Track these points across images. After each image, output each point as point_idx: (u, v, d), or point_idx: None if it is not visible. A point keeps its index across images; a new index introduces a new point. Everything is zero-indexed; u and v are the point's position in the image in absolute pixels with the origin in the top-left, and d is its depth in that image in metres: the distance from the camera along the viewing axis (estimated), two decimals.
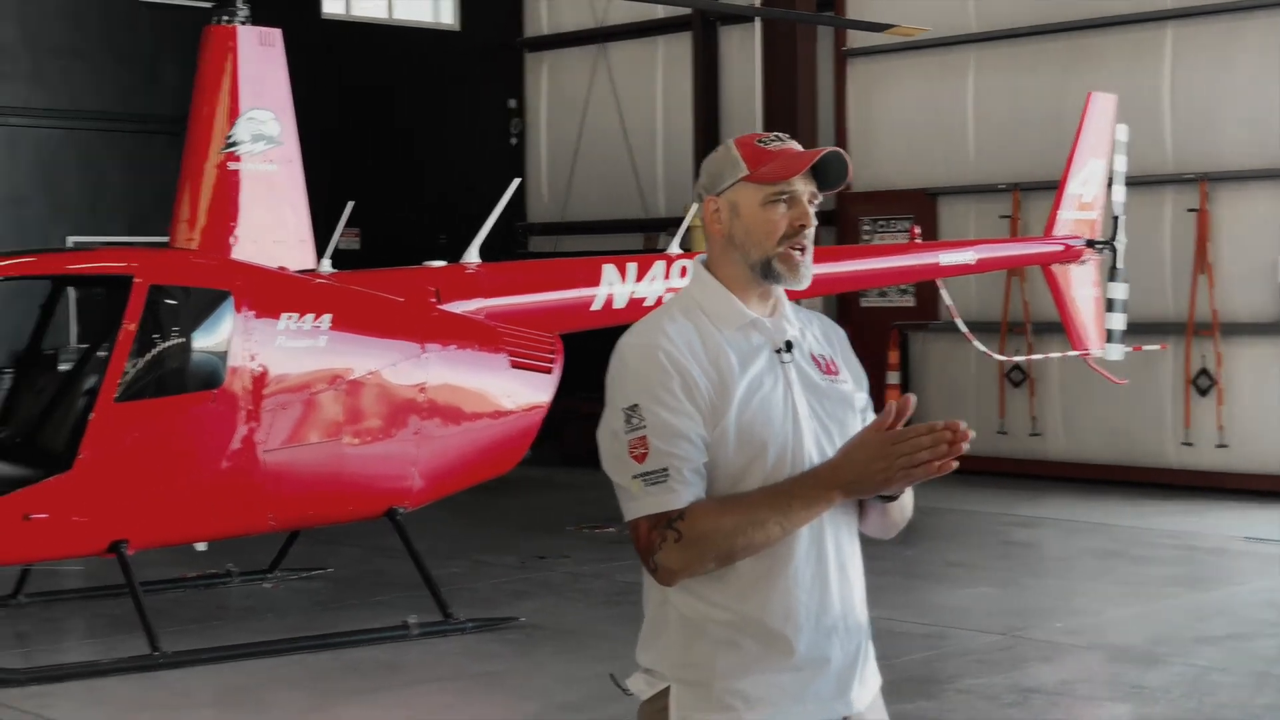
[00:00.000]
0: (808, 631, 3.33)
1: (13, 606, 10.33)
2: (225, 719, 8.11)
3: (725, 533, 3.20)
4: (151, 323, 9.24)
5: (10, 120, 17.75)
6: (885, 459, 3.15)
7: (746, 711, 3.30)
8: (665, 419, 3.24)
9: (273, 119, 9.99)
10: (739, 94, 19.03)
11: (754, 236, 3.39)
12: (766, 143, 3.42)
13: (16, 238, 17.28)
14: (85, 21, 18.05)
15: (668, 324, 3.36)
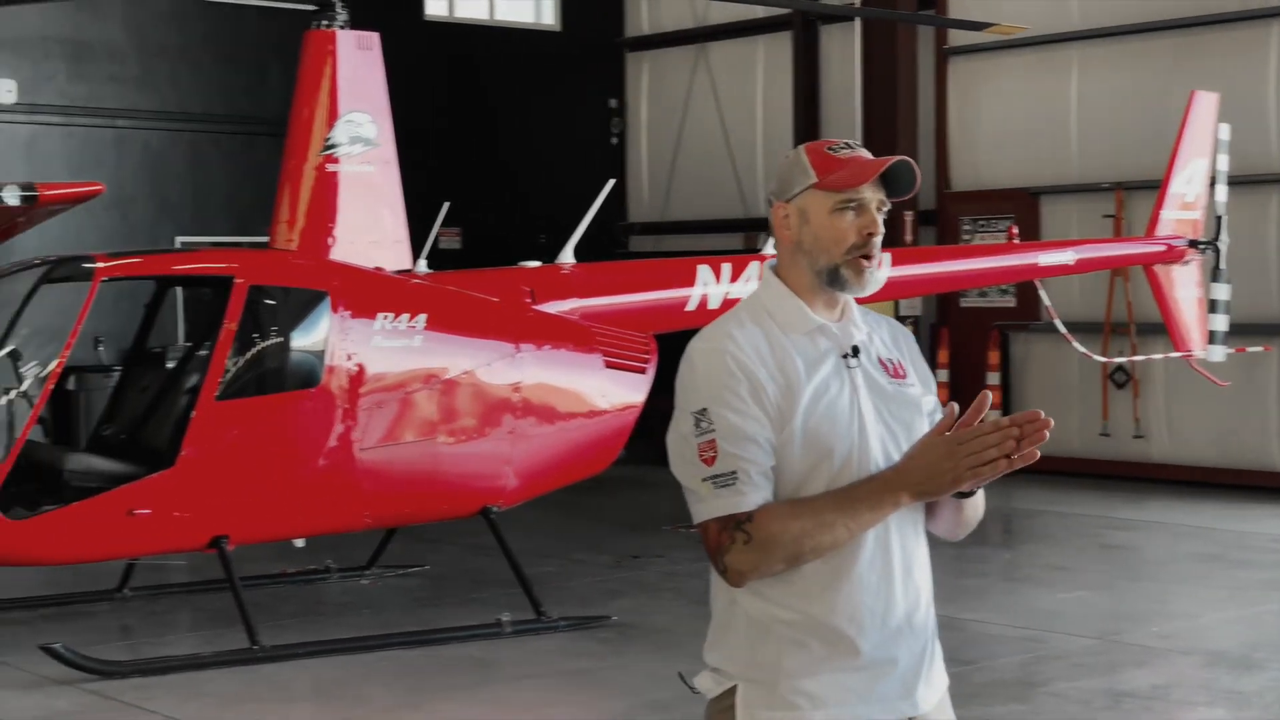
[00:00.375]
0: (873, 633, 3.35)
1: (118, 600, 10.54)
2: (321, 713, 8.23)
3: (793, 535, 3.23)
4: (251, 322, 9.40)
5: (118, 122, 18.08)
6: (952, 459, 3.18)
7: (812, 710, 3.33)
8: (734, 422, 3.27)
9: (370, 121, 10.11)
10: (839, 93, 18.97)
11: (822, 243, 3.41)
12: (836, 150, 3.44)
13: (124, 238, 17.61)
14: (191, 25, 18.34)
15: (735, 329, 3.39)
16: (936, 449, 3.20)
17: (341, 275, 9.63)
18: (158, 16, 18.22)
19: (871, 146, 13.54)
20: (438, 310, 9.81)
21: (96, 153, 17.97)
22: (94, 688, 8.40)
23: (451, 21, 20.80)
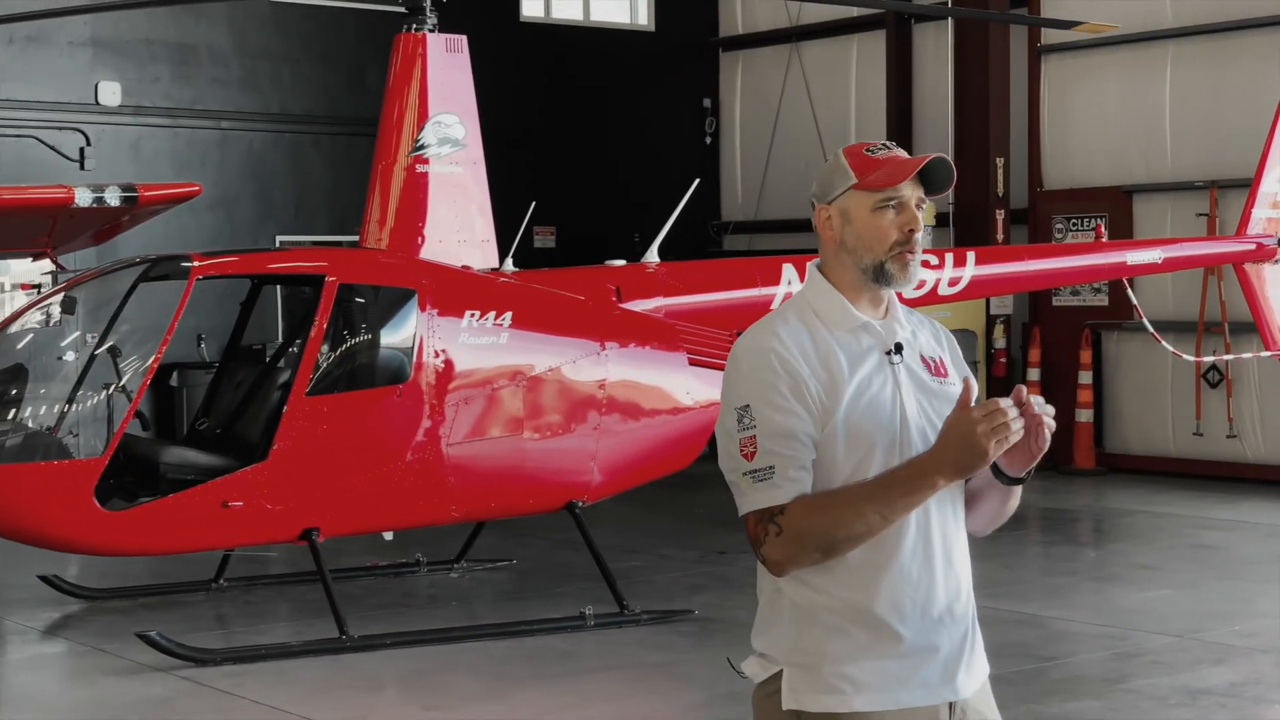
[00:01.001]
0: (914, 621, 3.45)
1: (214, 591, 10.81)
2: (404, 701, 8.42)
3: (824, 526, 3.35)
4: (341, 320, 9.63)
5: (221, 124, 18.45)
6: (979, 428, 3.24)
7: (855, 695, 3.44)
8: (774, 419, 3.39)
9: (458, 123, 10.30)
10: (932, 91, 18.97)
11: (865, 241, 3.52)
12: (874, 151, 3.56)
13: (228, 237, 17.99)
14: (293, 28, 18.67)
15: (780, 327, 3.50)
16: (960, 425, 3.28)
17: (429, 274, 9.83)
18: (260, 20, 18.57)
19: (963, 145, 13.76)
20: (524, 308, 9.98)
21: (200, 153, 18.35)
22: (187, 674, 8.66)
23: (547, 23, 21.01)
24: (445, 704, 8.25)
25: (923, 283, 11.54)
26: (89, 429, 9.38)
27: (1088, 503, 15.11)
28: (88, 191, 10.31)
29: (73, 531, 9.04)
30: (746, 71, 21.58)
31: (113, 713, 8.28)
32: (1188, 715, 7.76)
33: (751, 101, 21.48)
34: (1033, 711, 7.85)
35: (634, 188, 20.71)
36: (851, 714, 3.45)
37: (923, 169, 3.54)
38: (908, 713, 3.47)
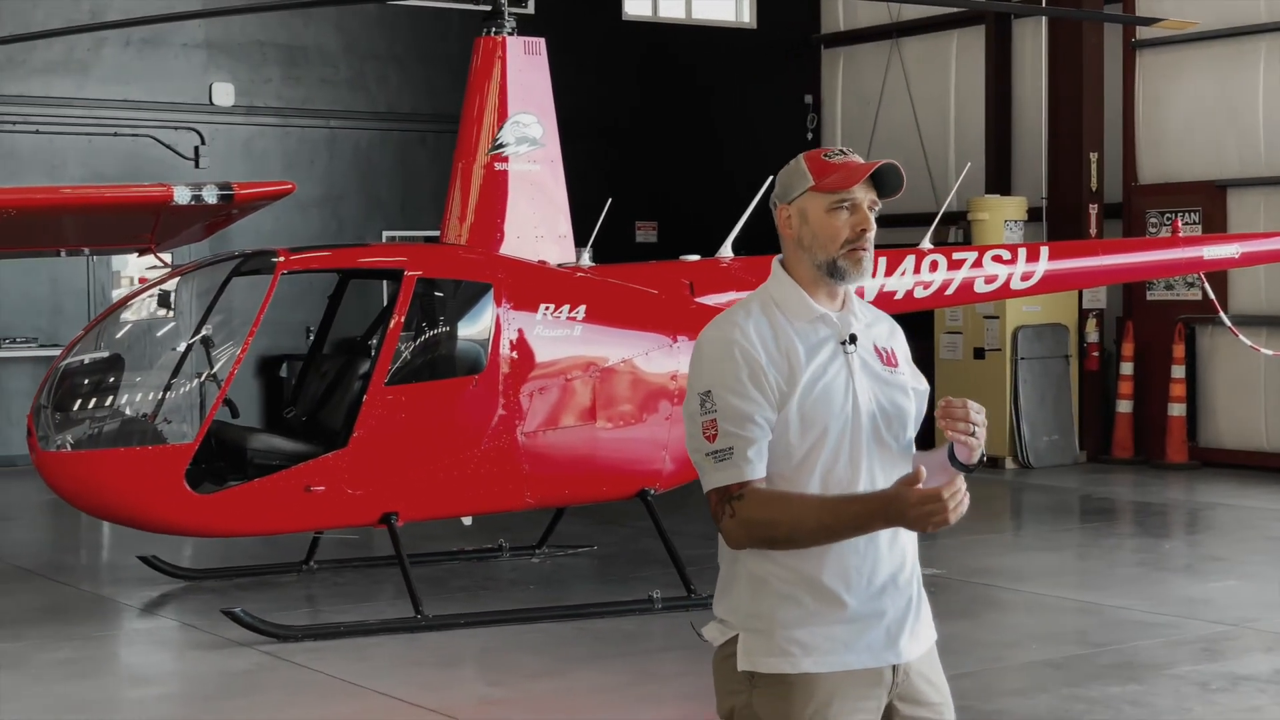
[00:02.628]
0: (860, 590, 3.73)
1: (304, 572, 11.27)
2: (469, 676, 8.80)
3: (772, 526, 3.65)
4: (419, 312, 10.04)
5: (330, 123, 19.04)
6: (910, 514, 3.51)
7: (803, 658, 3.72)
8: (733, 404, 3.68)
9: (536, 122, 10.65)
10: (1031, 87, 19.07)
11: (820, 240, 3.81)
12: (831, 156, 3.85)
13: (335, 233, 18.57)
14: (399, 29, 19.19)
15: (743, 319, 3.80)
16: (901, 501, 3.51)
17: (506, 268, 10.21)
18: (368, 21, 19.11)
19: (1057, 140, 14.02)
20: (598, 302, 10.32)
21: (310, 152, 18.95)
22: (269, 649, 9.10)
23: (649, 21, 21.36)
24: (508, 680, 8.62)
25: (994, 277, 11.74)
26: (181, 416, 9.88)
27: (1177, 496, 15.17)
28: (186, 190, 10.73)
29: (164, 513, 9.53)
30: (848, 68, 21.78)
31: (196, 684, 8.77)
32: (1226, 700, 7.93)
33: (852, 98, 21.68)
34: (1074, 694, 8.06)
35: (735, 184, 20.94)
36: (800, 675, 3.72)
37: (877, 174, 3.82)
38: (853, 674, 3.74)
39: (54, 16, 17.18)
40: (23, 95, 17.39)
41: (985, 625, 9.71)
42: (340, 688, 8.37)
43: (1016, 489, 15.90)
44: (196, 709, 8.35)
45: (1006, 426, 16.89)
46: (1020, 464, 16.89)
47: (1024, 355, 16.97)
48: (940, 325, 17.49)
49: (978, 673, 8.53)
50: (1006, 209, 17.58)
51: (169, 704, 8.47)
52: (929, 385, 4.01)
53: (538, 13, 20.12)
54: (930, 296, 11.60)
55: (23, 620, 10.00)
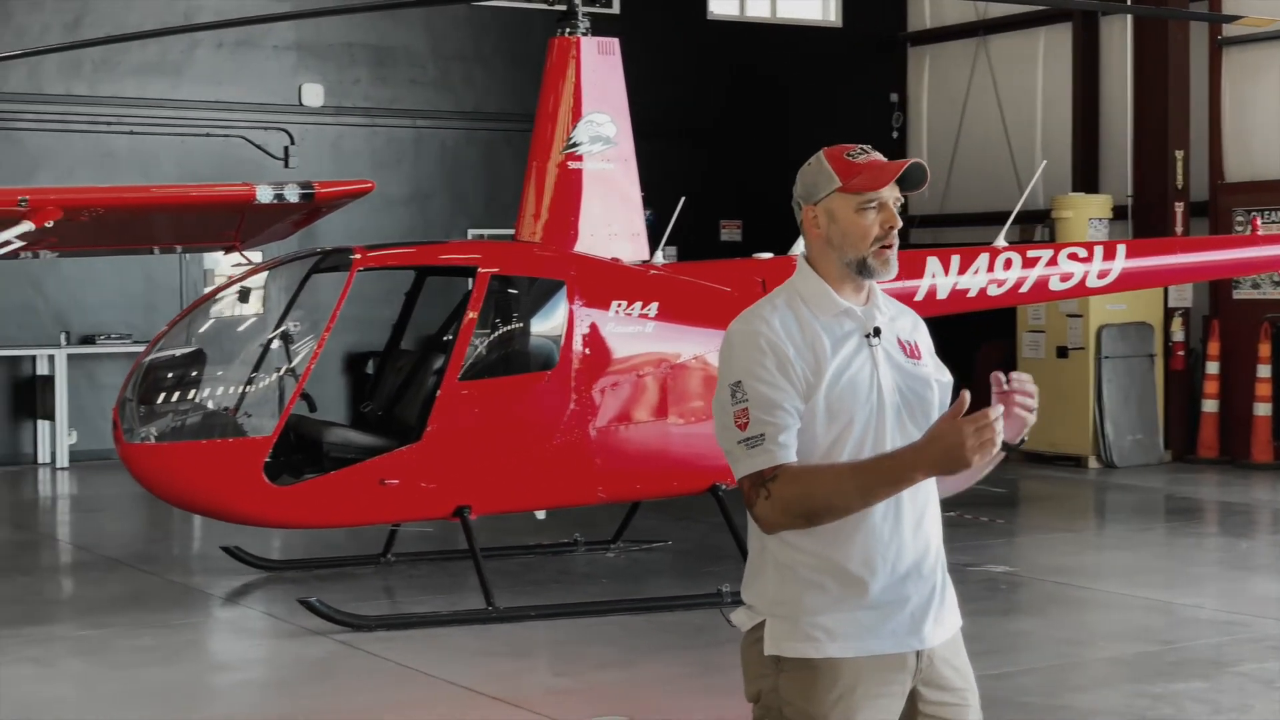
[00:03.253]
0: (883, 577, 3.81)
1: (382, 565, 11.47)
2: (536, 665, 8.94)
3: (809, 498, 3.71)
4: (492, 309, 10.20)
5: (418, 122, 19.28)
6: (965, 441, 3.55)
7: (828, 643, 3.81)
8: (764, 392, 3.77)
9: (610, 121, 10.78)
10: (1117, 85, 18.95)
11: (850, 239, 3.90)
12: (855, 156, 3.92)
13: (421, 231, 18.80)
14: (485, 29, 19.40)
15: (769, 312, 3.90)
16: (953, 432, 3.57)
17: (578, 266, 10.34)
18: (454, 22, 19.34)
19: (1142, 138, 13.89)
20: (669, 299, 10.42)
21: (396, 151, 19.21)
22: (343, 638, 9.29)
23: (735, 21, 21.44)
24: (573, 670, 8.76)
25: (1070, 275, 11.73)
26: (260, 410, 10.10)
27: (1261, 496, 15.05)
28: (268, 189, 10.95)
29: (243, 505, 9.75)
30: (934, 66, 21.75)
31: (272, 670, 9.00)
32: None
33: (938, 96, 21.65)
34: (1139, 690, 8.08)
35: None
36: (824, 659, 3.81)
37: (913, 172, 3.90)
38: (876, 659, 3.82)
39: (148, 19, 17.53)
40: (118, 96, 17.75)
41: (1055, 623, 9.72)
42: (410, 675, 8.54)
43: (1099, 488, 15.83)
44: (271, 694, 8.55)
45: (1090, 426, 16.81)
46: (1104, 463, 16.81)
47: (1108, 354, 16.88)
48: (1023, 324, 17.44)
49: (1044, 669, 8.57)
50: (1091, 207, 17.50)
51: (244, 690, 8.67)
52: (951, 377, 4.09)
53: (623, 13, 20.28)
54: (1004, 294, 11.59)
55: (108, 609, 10.27)
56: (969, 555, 11.72)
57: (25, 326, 17.41)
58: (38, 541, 13.32)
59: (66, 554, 12.81)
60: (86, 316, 17.60)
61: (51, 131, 17.49)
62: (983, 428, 3.56)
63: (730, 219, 20.91)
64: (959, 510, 13.65)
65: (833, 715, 3.79)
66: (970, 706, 3.96)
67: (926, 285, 11.31)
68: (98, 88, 17.70)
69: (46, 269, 17.04)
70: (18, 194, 10.00)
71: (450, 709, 8.00)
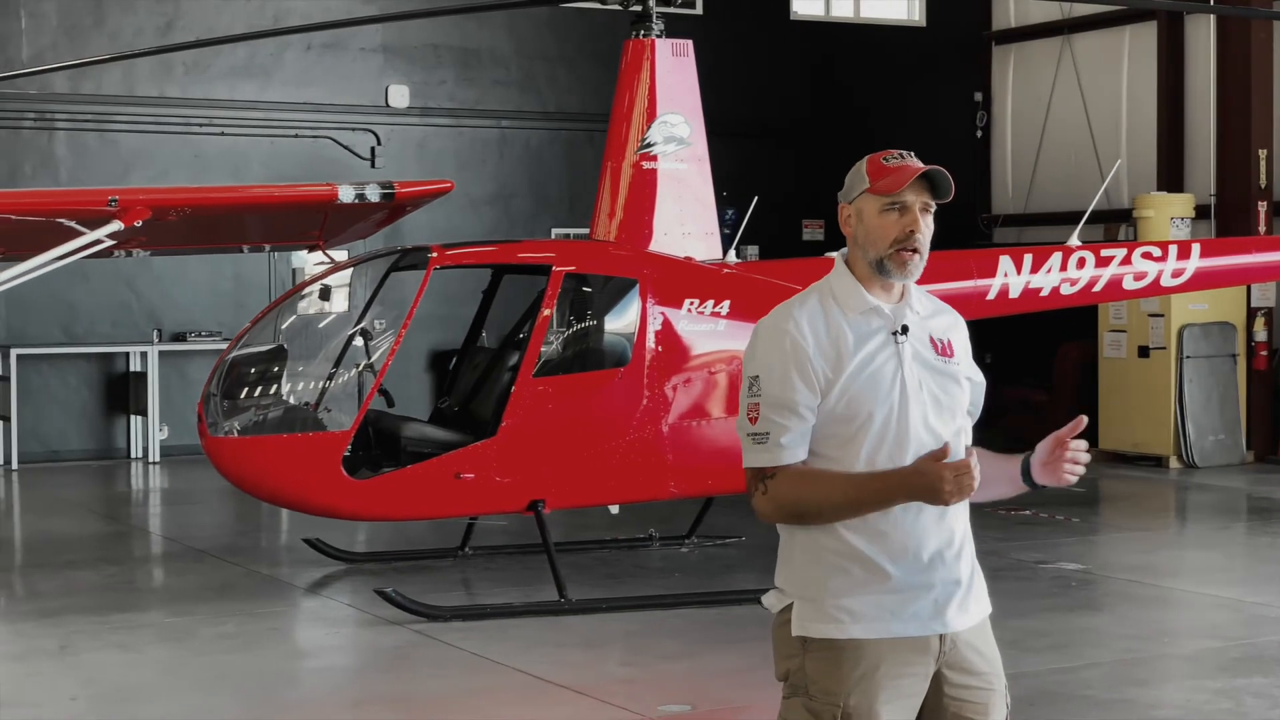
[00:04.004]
0: (906, 563, 3.96)
1: (460, 557, 11.69)
2: (604, 656, 9.11)
3: (801, 502, 3.94)
4: (567, 307, 10.39)
5: (502, 122, 19.53)
6: (942, 486, 3.79)
7: (852, 624, 3.97)
8: (777, 392, 3.95)
9: (683, 122, 10.94)
10: (1203, 84, 18.87)
11: (871, 238, 4.05)
12: (889, 160, 4.07)
13: (505, 230, 19.05)
14: (568, 30, 19.61)
15: (798, 309, 4.06)
16: (932, 474, 3.80)
17: (652, 264, 10.50)
18: (538, 23, 19.57)
19: (1225, 137, 13.92)
20: (741, 297, 10.56)
21: (481, 151, 19.47)
22: (419, 628, 9.52)
23: (818, 20, 21.53)
24: (640, 661, 8.93)
25: (1144, 274, 11.75)
26: (340, 405, 10.34)
27: None
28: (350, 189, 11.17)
29: (322, 498, 10.00)
30: (1018, 64, 21.72)
31: (347, 657, 9.25)
32: None
33: (1023, 94, 21.62)
34: (1198, 685, 8.15)
35: None
36: (848, 640, 3.97)
37: (931, 178, 4.02)
38: (899, 641, 3.97)
39: (238, 23, 17.92)
40: (209, 98, 18.13)
41: (1120, 619, 9.77)
42: (481, 664, 8.75)
43: (1179, 488, 15.79)
44: (345, 681, 8.79)
45: (1171, 426, 16.77)
46: (1185, 464, 16.75)
47: (1190, 354, 16.83)
48: (1104, 323, 17.41)
49: (1108, 664, 8.64)
50: (1172, 206, 17.45)
51: (320, 675, 8.92)
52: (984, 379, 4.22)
53: (706, 13, 20.43)
54: (1077, 294, 11.64)
55: (193, 597, 10.56)
56: (1042, 553, 11.78)
57: (119, 324, 17.83)
58: (128, 533, 13.67)
59: (155, 545, 13.15)
60: (178, 314, 17.99)
61: (144, 133, 17.89)
62: (961, 475, 3.79)
63: (813, 219, 20.99)
64: (1034, 509, 13.73)
65: (855, 693, 3.94)
66: (995, 690, 4.08)
67: (999, 284, 11.38)
68: (189, 90, 18.08)
69: (139, 268, 17.44)
70: (107, 194, 10.27)
71: (518, 696, 8.20)
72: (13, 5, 17.29)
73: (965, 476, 3.77)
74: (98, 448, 17.76)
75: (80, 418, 17.76)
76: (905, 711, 4.01)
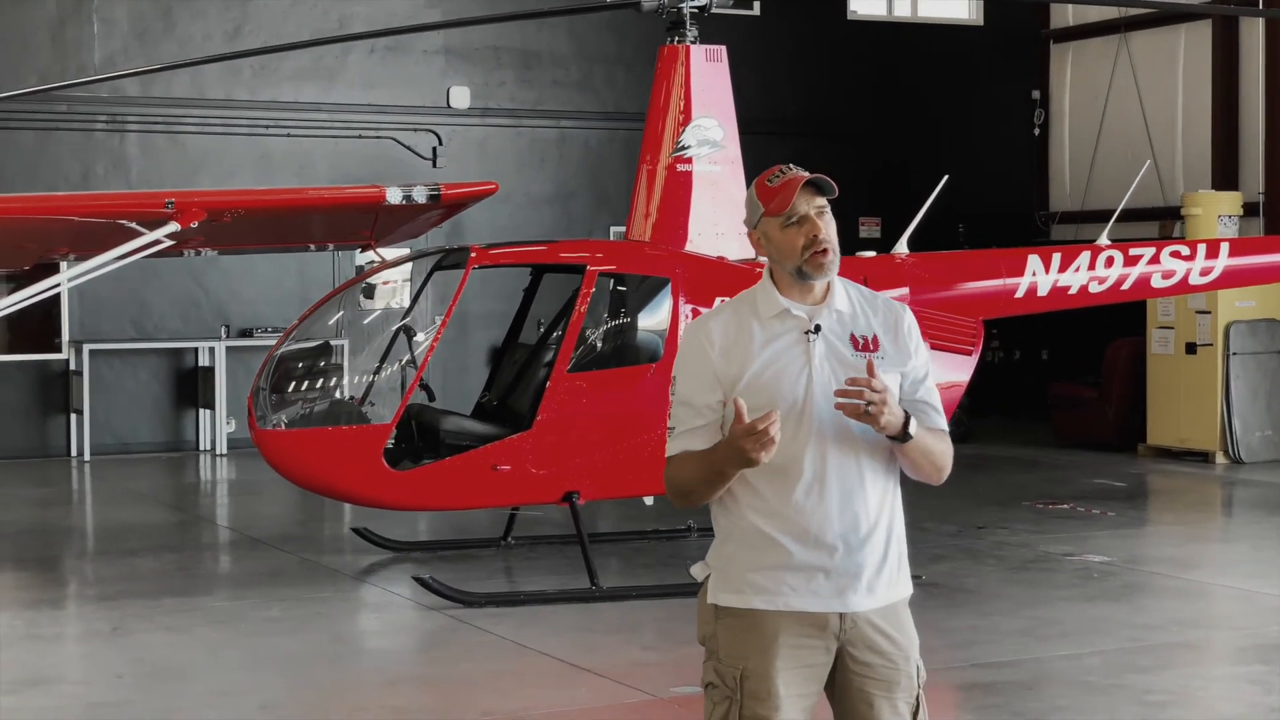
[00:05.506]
0: (806, 546, 4.31)
1: (502, 547, 12.09)
2: (629, 640, 9.45)
3: (679, 481, 4.37)
4: (601, 304, 10.76)
5: (562, 123, 19.93)
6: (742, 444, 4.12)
7: (754, 596, 4.35)
8: (684, 392, 4.39)
9: (717, 125, 11.28)
10: (1256, 82, 18.99)
11: (783, 253, 4.40)
12: (772, 180, 4.41)
13: (565, 229, 19.45)
14: (627, 31, 19.96)
15: (713, 319, 4.46)
16: (734, 435, 4.15)
17: (684, 264, 10.85)
18: (598, 25, 19.95)
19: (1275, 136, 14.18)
20: None
21: (541, 151, 19.89)
22: (456, 614, 9.93)
23: (875, 20, 21.78)
24: (663, 646, 9.29)
25: (1172, 273, 11.98)
26: (382, 399, 10.78)
27: None
28: (398, 190, 11.57)
29: (364, 488, 10.44)
30: (1076, 63, 21.89)
31: (383, 640, 9.68)
32: None
33: (1080, 93, 21.79)
34: (1197, 672, 8.45)
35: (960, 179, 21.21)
36: (750, 610, 4.35)
37: (814, 184, 4.36)
38: (797, 615, 4.33)
39: (304, 28, 18.43)
40: (275, 101, 18.66)
41: (1135, 609, 10.01)
42: (508, 647, 9.14)
43: (1224, 484, 15.93)
44: (378, 661, 9.23)
45: (1218, 422, 16.91)
46: (1231, 459, 16.89)
47: (1236, 350, 16.97)
48: (1152, 320, 17.57)
49: (1111, 651, 8.91)
50: (1220, 204, 17.58)
51: (355, 656, 9.35)
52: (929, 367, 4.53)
53: (763, 14, 20.74)
54: (1105, 292, 11.89)
55: (244, 583, 11.04)
56: (1071, 545, 12.03)
57: (188, 320, 18.40)
58: (190, 522, 14.19)
59: (215, 534, 13.66)
60: (244, 310, 18.54)
61: (213, 135, 18.45)
62: (751, 434, 4.10)
63: (869, 216, 21.24)
64: (1072, 503, 13.97)
65: (755, 658, 4.33)
66: (900, 670, 4.39)
67: (1027, 283, 11.64)
68: (256, 92, 18.61)
69: (208, 266, 18.01)
70: (165, 197, 10.75)
71: (541, 678, 8.58)
72: (85, 11, 17.89)
73: (761, 435, 4.08)
74: (167, 440, 18.35)
75: (150, 411, 18.35)
76: (805, 681, 4.35)
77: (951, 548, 12.08)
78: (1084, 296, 11.80)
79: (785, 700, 4.30)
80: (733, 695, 4.32)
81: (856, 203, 20.79)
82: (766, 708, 4.28)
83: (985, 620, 9.69)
